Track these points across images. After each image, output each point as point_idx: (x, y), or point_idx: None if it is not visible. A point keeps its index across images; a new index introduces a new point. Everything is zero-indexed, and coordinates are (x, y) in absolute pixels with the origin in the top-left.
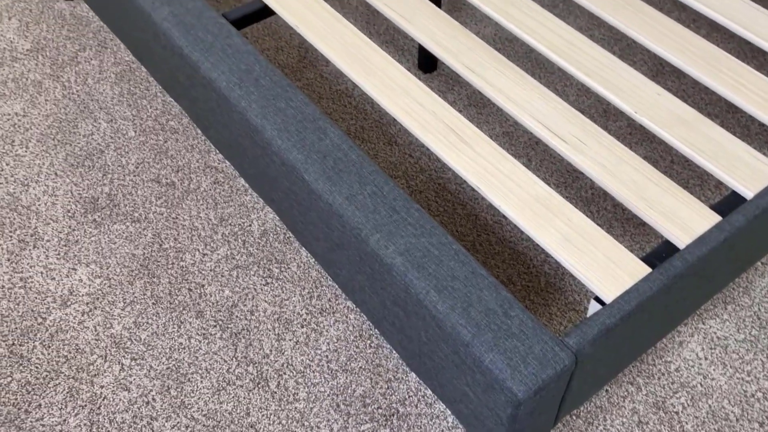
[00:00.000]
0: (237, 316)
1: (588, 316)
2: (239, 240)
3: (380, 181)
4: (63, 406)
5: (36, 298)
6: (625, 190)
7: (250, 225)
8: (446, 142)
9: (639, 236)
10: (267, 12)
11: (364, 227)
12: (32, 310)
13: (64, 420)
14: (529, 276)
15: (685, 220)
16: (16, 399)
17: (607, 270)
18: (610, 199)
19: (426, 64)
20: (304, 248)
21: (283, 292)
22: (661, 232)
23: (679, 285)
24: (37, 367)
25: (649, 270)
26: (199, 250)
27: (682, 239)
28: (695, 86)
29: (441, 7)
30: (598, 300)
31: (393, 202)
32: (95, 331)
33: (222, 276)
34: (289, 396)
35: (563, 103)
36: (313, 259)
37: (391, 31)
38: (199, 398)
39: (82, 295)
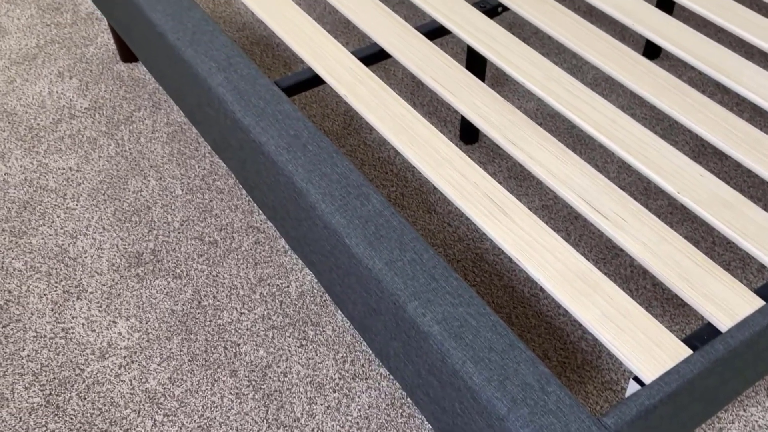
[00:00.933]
0: (270, 377)
1: (627, 396)
2: (276, 300)
3: (420, 249)
4: None
5: (75, 349)
6: (666, 270)
7: (288, 286)
8: (486, 212)
9: (679, 317)
10: (317, 81)
11: (403, 293)
12: (71, 361)
13: None
14: (566, 352)
15: (727, 302)
16: None
17: (647, 350)
18: (651, 277)
19: (468, 135)
20: (340, 311)
21: (317, 355)
22: (703, 314)
23: (721, 369)
24: (72, 419)
25: (690, 352)
26: (236, 309)
27: (724, 322)
28: (738, 168)
29: (485, 81)
30: (636, 380)
31: (432, 270)
32: (131, 384)
33: (257, 336)
34: None
35: (604, 179)
36: (349, 323)
37: (435, 102)
38: None
39: (121, 348)
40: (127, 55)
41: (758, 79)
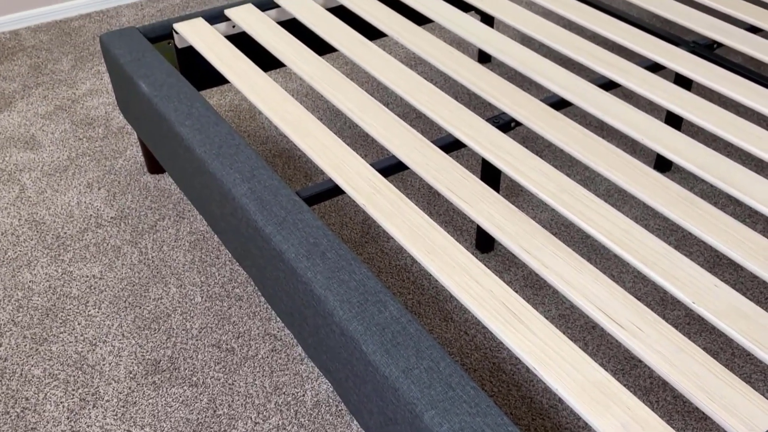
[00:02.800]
0: None
1: None
2: (292, 410)
3: (437, 356)
4: None
5: None
6: (685, 381)
7: (303, 395)
8: (502, 320)
9: (701, 430)
10: (337, 191)
11: (419, 402)
12: None
13: None
14: None
15: (748, 415)
16: None
17: None
18: (671, 389)
19: (484, 244)
20: (356, 421)
21: None
22: (724, 427)
23: None
24: None
25: None
26: (251, 419)
27: None
28: (753, 279)
29: (499, 192)
30: None
31: (449, 378)
32: None
33: None
34: None
35: (620, 289)
36: None
37: (451, 212)
38: None
39: None
40: (154, 166)
41: None
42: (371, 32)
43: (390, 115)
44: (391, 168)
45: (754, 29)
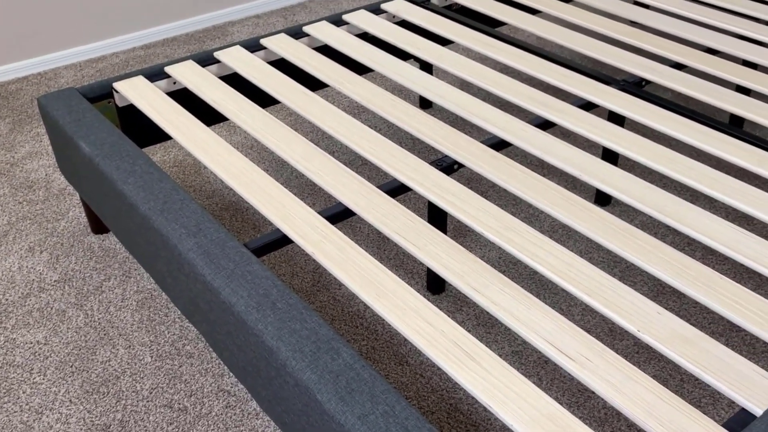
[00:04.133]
0: None
1: None
2: None
3: (392, 401)
4: None
5: None
6: (636, 409)
7: None
8: (456, 360)
9: None
10: (285, 240)
11: None
12: None
13: None
14: None
15: None
16: None
17: None
18: (624, 419)
19: (434, 285)
20: None
21: None
22: None
23: None
24: None
25: None
26: None
27: None
28: (696, 306)
29: (446, 233)
30: None
31: (405, 422)
32: None
33: None
34: None
35: (569, 323)
36: None
37: (401, 255)
38: None
39: None
40: (98, 227)
41: (704, 221)
42: (313, 83)
43: (335, 163)
44: (339, 215)
45: (679, 66)
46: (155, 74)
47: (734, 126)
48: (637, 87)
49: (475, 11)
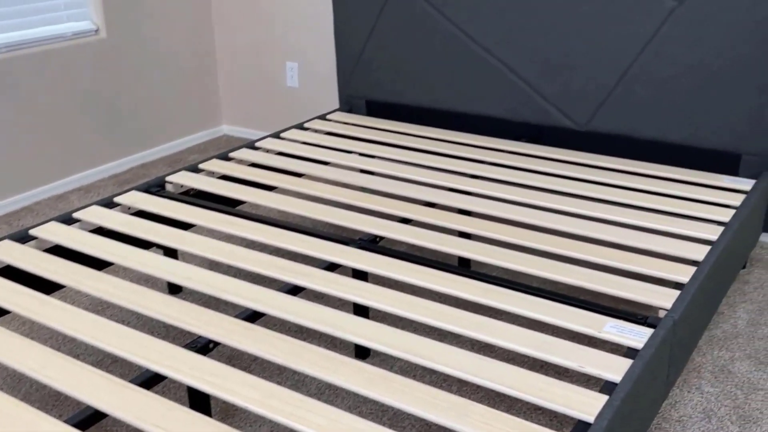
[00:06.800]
0: None
1: None
2: None
3: None
4: None
5: None
6: None
7: None
8: None
9: None
10: None
11: None
12: None
13: None
14: None
15: None
16: None
17: None
18: None
19: None
20: None
21: None
22: None
23: None
24: None
25: None
26: None
27: None
28: None
29: (212, 415)
30: None
31: None
32: None
33: None
34: None
35: None
36: None
37: None
38: None
39: None
40: None
41: (453, 356)
42: (49, 287)
43: (80, 366)
44: (89, 419)
45: (406, 220)
46: None
47: (462, 267)
48: (373, 243)
49: (213, 193)
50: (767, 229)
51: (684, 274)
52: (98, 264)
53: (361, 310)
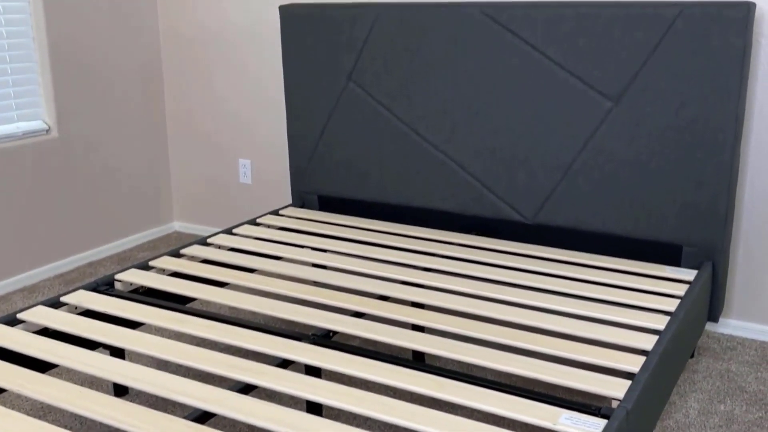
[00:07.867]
0: None
1: None
2: None
3: None
4: None
5: None
6: None
7: None
8: None
9: None
10: None
11: None
12: None
13: None
14: None
15: None
16: None
17: None
18: None
19: None
20: None
21: None
22: None
23: None
24: None
25: None
26: None
27: None
28: None
29: None
30: None
31: None
32: None
33: None
34: None
35: None
36: None
37: None
38: None
39: None
40: None
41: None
42: None
43: None
44: None
45: (359, 314)
46: None
47: (417, 360)
48: (326, 339)
49: (163, 291)
50: (712, 318)
51: (634, 363)
52: (42, 366)
53: (314, 408)
